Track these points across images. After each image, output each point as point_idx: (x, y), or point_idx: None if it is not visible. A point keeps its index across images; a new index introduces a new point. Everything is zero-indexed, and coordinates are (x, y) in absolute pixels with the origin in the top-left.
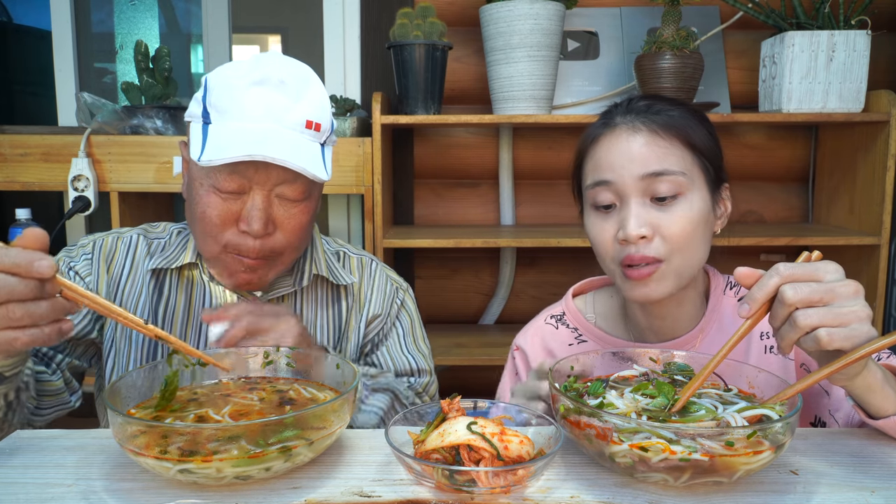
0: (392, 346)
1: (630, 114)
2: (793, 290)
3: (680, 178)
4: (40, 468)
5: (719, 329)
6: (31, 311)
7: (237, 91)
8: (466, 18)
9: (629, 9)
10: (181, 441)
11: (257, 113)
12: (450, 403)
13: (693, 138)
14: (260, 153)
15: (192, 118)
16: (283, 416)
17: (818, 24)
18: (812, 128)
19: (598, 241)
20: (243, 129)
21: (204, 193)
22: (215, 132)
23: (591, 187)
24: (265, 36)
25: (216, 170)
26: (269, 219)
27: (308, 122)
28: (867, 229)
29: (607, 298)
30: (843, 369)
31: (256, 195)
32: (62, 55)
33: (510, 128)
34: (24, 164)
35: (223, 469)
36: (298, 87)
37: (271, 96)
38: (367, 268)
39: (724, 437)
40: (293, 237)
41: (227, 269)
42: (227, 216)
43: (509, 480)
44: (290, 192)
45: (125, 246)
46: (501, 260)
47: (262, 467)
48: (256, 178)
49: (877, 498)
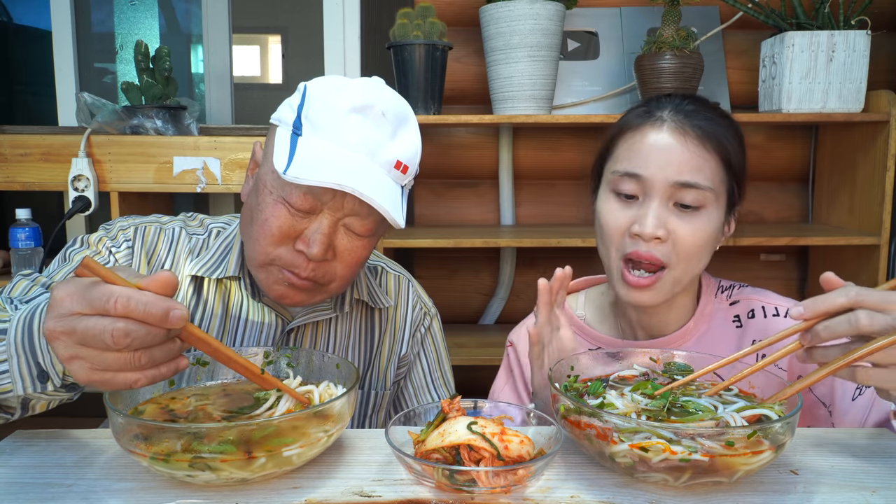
0: (418, 384)
1: (679, 114)
2: (869, 319)
3: (707, 194)
4: (40, 468)
5: (707, 330)
6: (155, 356)
7: (337, 112)
8: (466, 18)
9: (629, 9)
10: (181, 440)
11: (353, 141)
12: (450, 403)
13: (731, 157)
14: (350, 185)
15: (280, 123)
16: (280, 417)
17: (818, 24)
18: (812, 128)
19: (608, 226)
20: (336, 154)
21: (272, 202)
22: (305, 147)
23: (620, 174)
24: (265, 36)
25: (291, 184)
26: (329, 245)
27: (398, 162)
28: (867, 229)
29: (598, 295)
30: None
31: (325, 219)
32: (62, 55)
33: (510, 128)
34: (25, 164)
35: (222, 472)
36: (397, 125)
37: (370, 128)
38: (403, 288)
39: (724, 437)
40: (348, 270)
41: (270, 278)
42: (290, 232)
43: (509, 480)
44: (358, 226)
45: (167, 240)
46: (501, 260)
47: (259, 470)
48: (331, 203)
49: (877, 498)
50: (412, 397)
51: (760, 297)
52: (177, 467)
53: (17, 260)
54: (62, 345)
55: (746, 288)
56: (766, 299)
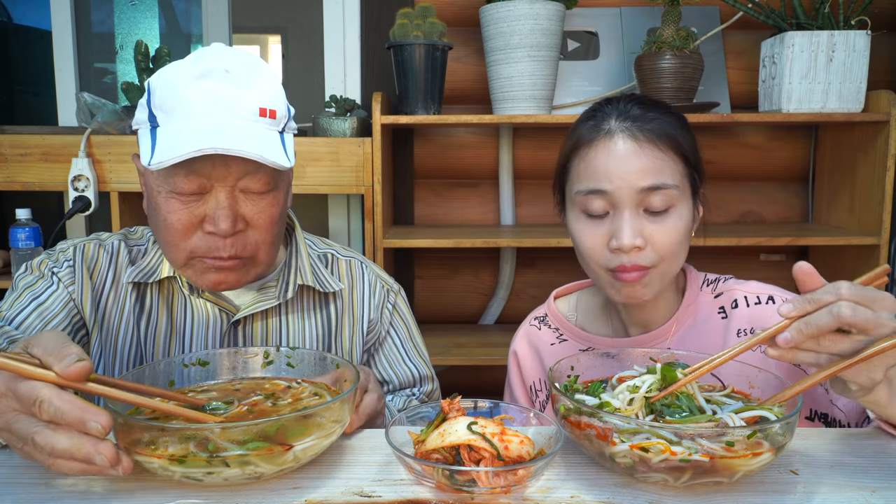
0: (391, 355)
1: (626, 120)
2: (851, 311)
3: (673, 192)
4: (40, 468)
5: (694, 322)
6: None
7: (180, 88)
8: (466, 18)
9: (629, 9)
10: (181, 440)
11: (204, 107)
12: (450, 403)
13: (685, 149)
14: (211, 146)
15: (139, 125)
16: (284, 416)
17: (818, 24)
18: (812, 128)
19: (586, 247)
20: (193, 125)
21: (164, 200)
22: (164, 134)
23: (584, 194)
24: (265, 36)
25: (172, 173)
26: (236, 216)
27: (262, 109)
28: (867, 229)
29: (589, 297)
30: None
31: (220, 193)
32: (62, 55)
33: (510, 128)
34: (25, 164)
35: (220, 471)
36: (246, 76)
37: (217, 88)
38: (356, 271)
39: (725, 437)
40: (266, 233)
41: (197, 272)
42: (191, 221)
43: (509, 480)
44: (254, 185)
45: (107, 254)
46: (501, 260)
47: (260, 468)
48: (216, 174)
49: (877, 498)
50: (386, 370)
51: (742, 287)
52: (194, 466)
53: (17, 260)
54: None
55: (730, 280)
56: (747, 289)
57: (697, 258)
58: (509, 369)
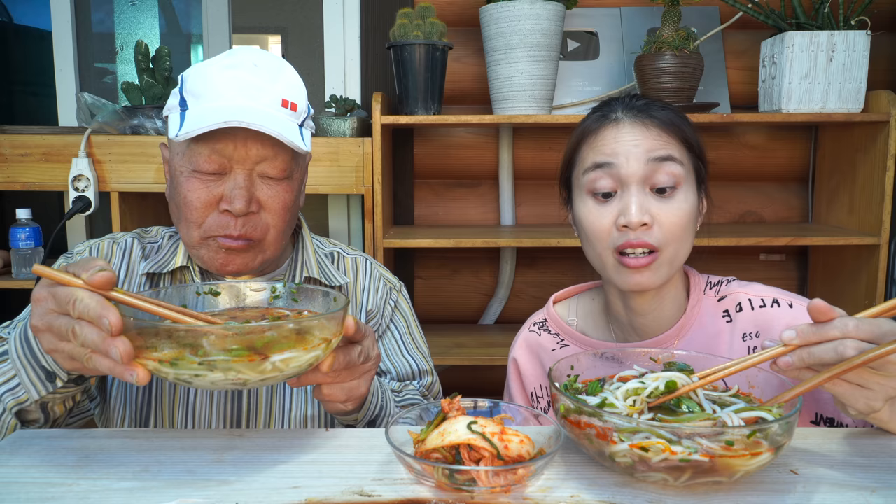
0: (391, 349)
1: (633, 110)
2: (856, 351)
3: (679, 168)
4: (40, 468)
5: (699, 327)
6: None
7: (210, 76)
8: (466, 18)
9: (629, 9)
10: (178, 346)
11: (233, 92)
12: (450, 403)
13: (689, 137)
14: (236, 119)
15: (169, 111)
16: (279, 322)
17: (818, 24)
18: (812, 128)
19: (594, 229)
20: (221, 104)
21: (185, 180)
22: (192, 114)
23: (591, 170)
24: (265, 36)
25: (195, 153)
26: (251, 197)
27: (284, 100)
28: (867, 229)
29: (589, 301)
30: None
31: (238, 174)
32: (62, 55)
33: (510, 128)
34: (25, 164)
35: (214, 368)
36: (272, 71)
37: (245, 77)
38: (361, 267)
39: (724, 436)
40: (278, 218)
41: (210, 252)
42: (209, 199)
43: (509, 480)
44: (271, 170)
45: (121, 250)
46: (501, 260)
47: (249, 369)
48: (236, 156)
49: (877, 498)
50: (384, 361)
51: (746, 290)
52: (184, 368)
53: (17, 260)
54: (45, 339)
55: (733, 283)
56: (751, 291)
57: (697, 258)
58: (509, 376)
